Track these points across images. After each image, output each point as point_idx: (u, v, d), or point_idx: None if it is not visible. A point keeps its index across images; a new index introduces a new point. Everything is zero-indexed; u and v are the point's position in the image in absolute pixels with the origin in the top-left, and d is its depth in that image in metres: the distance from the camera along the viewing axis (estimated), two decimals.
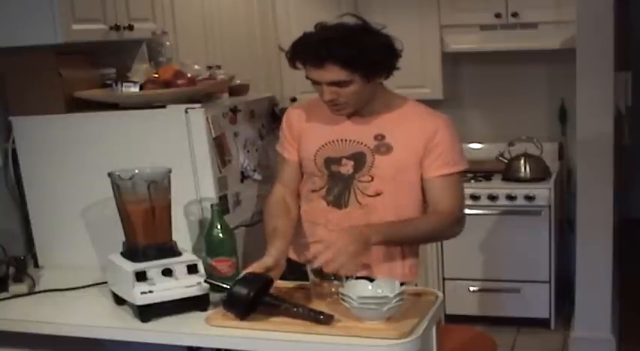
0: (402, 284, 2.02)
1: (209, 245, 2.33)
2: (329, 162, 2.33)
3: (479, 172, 4.50)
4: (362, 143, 2.31)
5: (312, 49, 2.17)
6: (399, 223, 2.28)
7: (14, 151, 2.69)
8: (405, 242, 2.33)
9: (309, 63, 2.19)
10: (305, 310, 2.00)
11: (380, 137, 2.30)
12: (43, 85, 2.57)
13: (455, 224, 2.35)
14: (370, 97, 2.28)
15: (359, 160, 2.31)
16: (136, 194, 2.21)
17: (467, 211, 2.39)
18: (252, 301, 2.00)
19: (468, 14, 4.40)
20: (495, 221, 4.31)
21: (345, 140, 2.33)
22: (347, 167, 2.31)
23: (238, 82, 3.00)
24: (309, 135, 2.38)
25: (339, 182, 2.32)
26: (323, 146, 2.34)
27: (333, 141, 2.34)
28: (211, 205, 2.35)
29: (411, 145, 2.28)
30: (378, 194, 2.30)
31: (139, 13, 2.87)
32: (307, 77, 2.24)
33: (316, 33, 2.21)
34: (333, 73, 2.16)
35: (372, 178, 2.30)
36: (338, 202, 2.33)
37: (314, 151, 2.35)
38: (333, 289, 2.10)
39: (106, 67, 2.78)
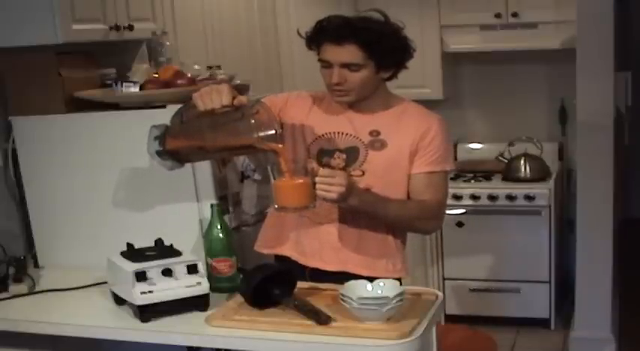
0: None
1: (209, 245, 2.32)
2: (322, 153, 2.36)
3: (479, 172, 4.51)
4: (357, 138, 2.34)
5: (335, 26, 2.25)
6: (379, 197, 2.29)
7: (14, 151, 2.68)
8: (376, 217, 2.32)
9: (329, 40, 2.24)
10: (307, 308, 2.00)
11: (375, 133, 2.34)
12: (43, 85, 2.56)
13: (432, 218, 2.38)
14: (372, 91, 2.32)
15: (352, 154, 2.33)
16: None
17: (467, 211, 2.38)
18: (261, 288, 2.04)
19: (468, 14, 4.41)
20: (495, 221, 4.31)
21: (341, 133, 2.35)
22: (338, 160, 2.34)
23: (238, 82, 2.99)
24: (307, 123, 2.40)
25: None
26: (320, 137, 2.37)
27: (329, 133, 2.36)
28: (211, 205, 2.35)
29: (405, 143, 2.32)
30: (367, 189, 2.31)
31: (139, 13, 2.87)
32: (320, 59, 2.29)
33: (342, 15, 2.30)
34: (350, 53, 2.22)
35: (364, 173, 2.32)
36: None
37: (310, 141, 2.37)
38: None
39: (106, 67, 2.77)
